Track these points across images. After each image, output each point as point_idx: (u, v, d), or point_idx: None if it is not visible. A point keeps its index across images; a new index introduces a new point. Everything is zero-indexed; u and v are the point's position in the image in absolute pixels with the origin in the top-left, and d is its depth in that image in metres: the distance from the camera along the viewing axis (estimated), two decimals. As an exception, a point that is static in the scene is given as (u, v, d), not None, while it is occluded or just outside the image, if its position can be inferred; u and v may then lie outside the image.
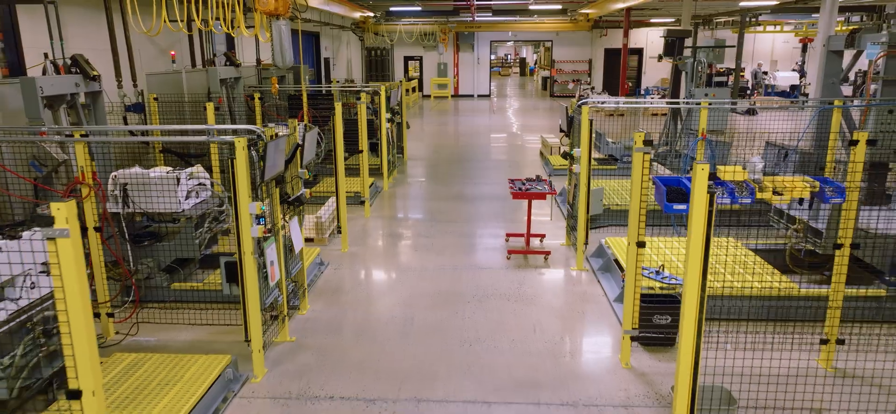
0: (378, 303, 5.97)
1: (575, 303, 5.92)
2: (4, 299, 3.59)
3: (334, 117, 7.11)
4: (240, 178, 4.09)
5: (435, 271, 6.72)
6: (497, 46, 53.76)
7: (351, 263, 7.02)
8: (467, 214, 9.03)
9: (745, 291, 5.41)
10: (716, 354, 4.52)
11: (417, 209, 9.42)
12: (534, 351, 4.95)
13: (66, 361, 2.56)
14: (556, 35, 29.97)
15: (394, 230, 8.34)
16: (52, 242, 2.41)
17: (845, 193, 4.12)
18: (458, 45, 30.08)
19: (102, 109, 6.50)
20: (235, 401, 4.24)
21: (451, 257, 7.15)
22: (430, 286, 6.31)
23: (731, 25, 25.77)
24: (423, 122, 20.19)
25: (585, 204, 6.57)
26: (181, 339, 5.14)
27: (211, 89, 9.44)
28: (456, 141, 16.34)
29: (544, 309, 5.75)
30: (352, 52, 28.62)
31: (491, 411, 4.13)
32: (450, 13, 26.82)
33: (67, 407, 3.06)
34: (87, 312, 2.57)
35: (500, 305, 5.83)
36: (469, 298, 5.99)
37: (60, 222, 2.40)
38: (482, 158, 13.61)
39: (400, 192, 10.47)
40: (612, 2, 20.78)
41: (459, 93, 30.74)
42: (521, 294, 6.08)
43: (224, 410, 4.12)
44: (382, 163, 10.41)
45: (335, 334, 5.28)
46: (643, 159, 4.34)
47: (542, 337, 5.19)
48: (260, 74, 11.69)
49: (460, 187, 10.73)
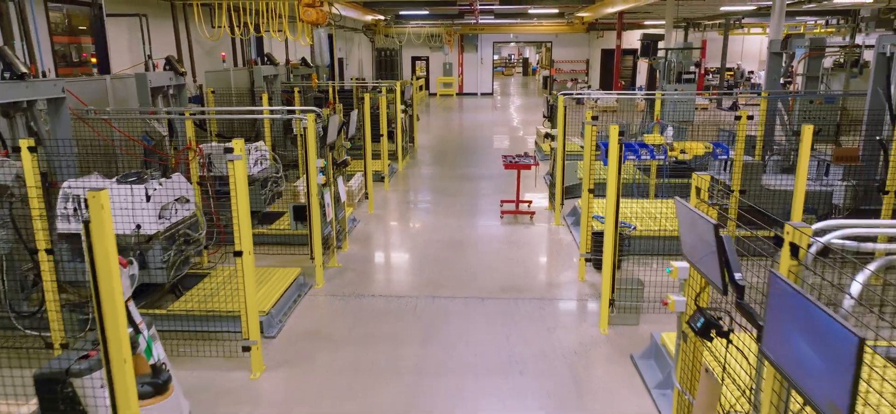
0: (400, 247, 7.82)
1: (551, 246, 7.75)
2: (163, 218, 5.44)
3: (363, 107, 8.97)
4: (310, 142, 5.95)
5: (443, 227, 8.56)
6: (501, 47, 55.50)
7: (377, 221, 8.87)
8: (470, 188, 10.87)
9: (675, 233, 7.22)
10: (636, 268, 6.34)
11: (428, 184, 11.28)
12: (518, 273, 6.78)
13: (235, 233, 4.38)
14: (555, 37, 31.78)
15: (409, 199, 10.19)
16: (232, 164, 4.25)
17: (729, 151, 5.93)
18: (462, 46, 31.91)
19: (185, 98, 8.37)
20: (306, 297, 6.10)
21: (456, 218, 8.99)
22: (440, 236, 8.15)
23: (718, 28, 27.48)
24: (430, 118, 22.04)
25: (561, 174, 8.41)
26: (259, 266, 6.99)
27: (256, 84, 11.31)
28: (460, 133, 18.19)
29: (527, 249, 7.58)
30: (363, 52, 30.48)
31: (484, 303, 5.97)
32: (455, 16, 28.60)
33: (221, 274, 4.91)
34: (245, 206, 4.40)
35: (494, 248, 7.67)
36: (470, 244, 7.83)
37: (238, 150, 4.24)
38: (483, 147, 15.45)
39: (412, 172, 12.32)
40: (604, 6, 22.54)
41: (464, 91, 32.57)
42: (511, 240, 7.92)
43: (300, 301, 5.97)
44: (398, 147, 12.26)
45: (370, 264, 7.14)
46: (592, 131, 6.16)
47: (524, 265, 7.02)
48: (289, 73, 13.56)
49: (464, 169, 12.58)
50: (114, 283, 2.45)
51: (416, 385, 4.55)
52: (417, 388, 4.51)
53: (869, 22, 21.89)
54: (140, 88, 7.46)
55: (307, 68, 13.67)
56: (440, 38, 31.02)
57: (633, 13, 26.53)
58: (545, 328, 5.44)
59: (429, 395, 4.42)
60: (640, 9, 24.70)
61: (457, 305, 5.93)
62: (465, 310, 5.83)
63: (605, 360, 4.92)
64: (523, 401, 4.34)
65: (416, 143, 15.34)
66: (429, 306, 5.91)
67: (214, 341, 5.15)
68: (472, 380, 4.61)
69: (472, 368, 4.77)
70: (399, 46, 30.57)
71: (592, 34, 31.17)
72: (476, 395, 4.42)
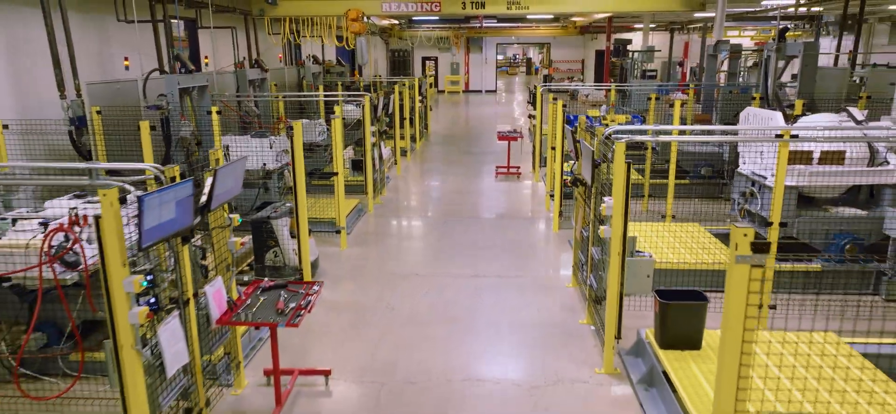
0: (422, 194, 10.96)
1: (531, 193, 10.86)
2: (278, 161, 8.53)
3: (393, 96, 12.09)
4: (366, 118, 9.07)
5: (453, 182, 11.69)
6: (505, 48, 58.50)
7: (404, 179, 12.01)
8: (473, 160, 14.00)
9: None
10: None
11: (440, 157, 14.41)
12: (507, 208, 9.90)
13: (335, 160, 7.48)
14: (553, 39, 34.85)
15: (426, 167, 13.33)
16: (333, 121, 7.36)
17: (642, 120, 8.99)
18: (468, 47, 35.01)
19: (267, 88, 11.52)
20: (363, 217, 9.23)
21: (462, 178, 12.11)
22: (451, 187, 11.28)
23: (697, 31, 30.43)
24: (439, 111, 25.19)
25: (539, 144, 11.51)
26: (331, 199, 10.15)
27: (305, 80, 14.46)
28: (466, 122, 21.33)
29: (513, 195, 10.70)
30: (378, 53, 33.64)
31: (482, 220, 9.09)
32: (461, 21, 31.73)
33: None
34: (340, 144, 7.50)
35: (489, 194, 10.79)
36: (473, 191, 10.96)
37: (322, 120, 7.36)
38: (485, 133, 18.57)
39: (427, 149, 15.46)
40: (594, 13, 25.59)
41: (469, 88, 35.66)
42: (502, 190, 11.04)
43: (359, 219, 9.10)
44: (416, 131, 15.39)
45: (402, 203, 10.29)
46: (559, 106, 9.23)
47: (511, 204, 10.14)
48: (325, 71, 16.73)
49: (468, 148, 15.71)
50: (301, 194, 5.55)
51: (437, 255, 7.68)
52: (438, 255, 7.64)
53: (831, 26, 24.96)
54: (241, 80, 10.65)
55: (340, 67, 16.86)
56: (448, 40, 34.14)
57: (622, 17, 29.61)
58: (521, 231, 8.56)
59: (446, 259, 7.55)
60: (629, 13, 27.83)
61: (464, 222, 9.06)
62: (470, 224, 8.96)
63: (554, 243, 8.04)
64: (505, 260, 7.45)
65: (430, 129, 18.47)
66: (444, 222, 9.05)
67: (320, 233, 8.31)
68: (473, 250, 7.73)
69: (474, 246, 7.90)
70: (411, 47, 33.74)
71: (587, 36, 34.20)
72: (476, 259, 7.53)
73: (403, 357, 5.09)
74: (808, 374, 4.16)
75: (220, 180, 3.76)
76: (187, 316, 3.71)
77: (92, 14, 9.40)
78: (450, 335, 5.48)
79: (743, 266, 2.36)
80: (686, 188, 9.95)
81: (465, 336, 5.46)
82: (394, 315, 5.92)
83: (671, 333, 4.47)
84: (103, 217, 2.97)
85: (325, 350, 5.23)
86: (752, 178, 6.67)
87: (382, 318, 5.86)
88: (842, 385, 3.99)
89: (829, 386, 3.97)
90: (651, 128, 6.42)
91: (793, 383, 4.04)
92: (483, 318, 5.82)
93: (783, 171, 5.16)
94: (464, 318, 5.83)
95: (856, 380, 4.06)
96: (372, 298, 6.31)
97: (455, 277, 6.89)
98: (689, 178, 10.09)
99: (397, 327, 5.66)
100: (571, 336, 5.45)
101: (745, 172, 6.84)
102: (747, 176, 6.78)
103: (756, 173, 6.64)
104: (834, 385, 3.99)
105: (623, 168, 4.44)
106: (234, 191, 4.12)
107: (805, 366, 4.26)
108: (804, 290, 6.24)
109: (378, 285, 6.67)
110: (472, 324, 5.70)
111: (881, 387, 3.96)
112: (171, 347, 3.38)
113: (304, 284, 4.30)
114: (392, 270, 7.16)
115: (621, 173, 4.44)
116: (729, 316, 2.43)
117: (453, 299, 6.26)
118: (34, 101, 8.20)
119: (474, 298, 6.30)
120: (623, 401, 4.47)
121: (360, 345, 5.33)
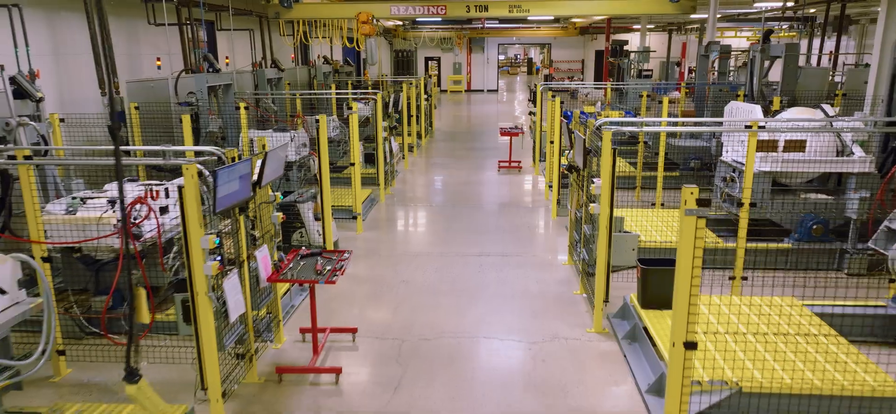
0: (429, 185, 11.69)
1: (531, 184, 11.58)
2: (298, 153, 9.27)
3: (402, 94, 12.82)
4: (378, 113, 9.79)
5: (458, 174, 12.42)
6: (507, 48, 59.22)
7: (412, 172, 12.74)
8: (476, 155, 14.72)
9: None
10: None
11: (445, 152, 15.14)
12: (506, 197, 10.63)
13: (352, 151, 8.21)
14: (554, 39, 35.56)
15: (432, 161, 14.06)
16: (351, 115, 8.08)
17: (634, 115, 9.70)
18: (470, 48, 35.73)
19: (284, 86, 12.25)
20: (375, 206, 9.96)
21: (466, 171, 12.84)
22: (456, 179, 12.00)
23: (695, 32, 31.13)
24: (443, 110, 25.92)
25: (539, 139, 12.23)
26: (345, 189, 10.88)
27: (316, 79, 15.21)
28: (468, 120, 22.05)
29: (515, 187, 11.42)
30: (382, 53, 34.37)
31: (485, 208, 9.82)
32: (464, 21, 32.44)
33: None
34: (356, 136, 8.22)
35: (492, 185, 11.52)
36: (476, 183, 11.69)
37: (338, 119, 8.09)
38: (487, 131, 19.29)
39: (433, 145, 16.19)
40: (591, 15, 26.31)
41: (471, 88, 36.39)
42: (504, 182, 11.76)
43: (372, 207, 9.83)
44: (422, 128, 16.11)
45: (411, 193, 11.01)
46: (556, 103, 9.95)
47: (512, 194, 10.86)
48: (334, 71, 17.47)
49: (471, 144, 16.44)
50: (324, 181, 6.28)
51: (445, 238, 8.41)
52: (446, 238, 8.37)
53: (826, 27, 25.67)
54: (260, 79, 11.38)
55: (348, 67, 17.61)
56: (451, 40, 34.86)
57: (621, 18, 30.33)
58: (521, 217, 9.29)
59: (454, 241, 8.27)
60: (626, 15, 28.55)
61: (469, 210, 9.78)
62: (474, 212, 9.69)
63: (552, 228, 8.76)
64: (507, 242, 8.17)
65: (434, 126, 19.20)
66: (451, 210, 9.78)
67: (338, 219, 9.04)
68: (478, 234, 8.46)
69: (478, 231, 8.62)
70: (414, 48, 34.47)
71: (586, 37, 34.90)
72: (480, 241, 8.25)
73: (419, 319, 5.82)
74: (769, 328, 4.87)
75: (269, 162, 4.48)
76: (242, 275, 4.44)
77: (123, 18, 10.13)
78: (458, 303, 6.20)
79: (690, 218, 3.08)
80: (677, 180, 10.65)
81: (472, 304, 6.18)
82: (408, 287, 6.64)
83: (650, 295, 5.19)
84: (186, 186, 3.70)
85: (350, 314, 5.95)
86: (732, 165, 7.39)
87: (398, 288, 6.59)
88: (795, 338, 4.70)
89: (785, 340, 4.69)
90: (634, 120, 7.15)
91: (747, 330, 4.76)
92: (487, 289, 6.55)
93: (752, 158, 5.87)
94: (470, 289, 6.55)
95: (806, 333, 4.77)
96: (388, 273, 7.04)
97: (462, 256, 7.61)
98: (679, 171, 10.79)
99: (412, 296, 6.38)
100: (566, 304, 6.17)
101: (727, 160, 7.56)
102: (729, 163, 7.50)
103: (736, 160, 7.35)
104: (788, 338, 4.70)
105: (609, 153, 5.16)
106: (278, 172, 4.84)
107: (766, 323, 4.97)
108: (776, 266, 6.95)
109: (393, 263, 7.40)
110: (478, 294, 6.42)
111: (832, 341, 4.68)
112: (233, 297, 4.11)
113: (336, 253, 5.02)
114: (404, 251, 7.88)
115: (608, 158, 5.16)
116: (681, 256, 3.15)
117: (461, 274, 6.99)
118: (76, 97, 8.94)
119: (479, 273, 7.02)
120: (609, 353, 5.19)
121: (380, 310, 6.05)
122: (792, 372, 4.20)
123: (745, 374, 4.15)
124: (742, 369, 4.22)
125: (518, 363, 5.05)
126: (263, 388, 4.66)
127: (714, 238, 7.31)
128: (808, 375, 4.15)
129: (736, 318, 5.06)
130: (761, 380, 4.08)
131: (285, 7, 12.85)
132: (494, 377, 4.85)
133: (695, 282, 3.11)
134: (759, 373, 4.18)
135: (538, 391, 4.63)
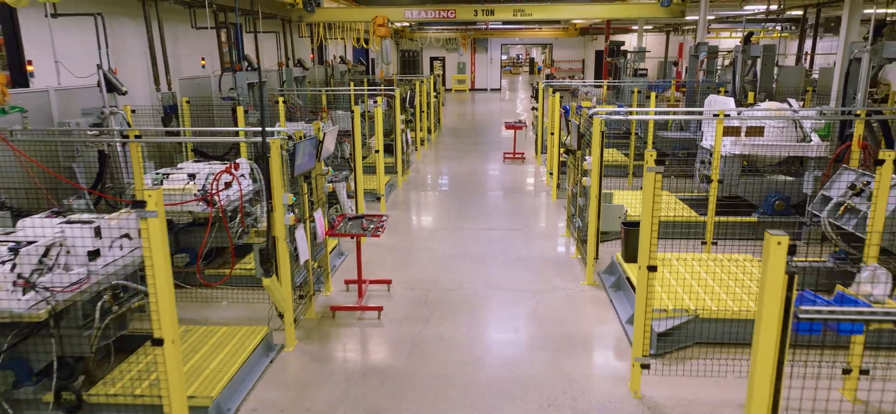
0: (440, 174, 12.86)
1: (533, 173, 12.74)
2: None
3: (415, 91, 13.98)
4: (396, 108, 10.96)
5: (466, 165, 13.58)
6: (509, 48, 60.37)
7: (424, 162, 13.90)
8: (482, 148, 15.89)
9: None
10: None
11: (453, 145, 16.30)
12: (511, 183, 11.78)
13: (377, 139, 9.38)
14: (555, 40, 36.71)
15: (442, 153, 15.22)
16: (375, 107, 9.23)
17: (622, 107, 10.84)
18: (474, 48, 36.89)
19: (306, 84, 13.42)
20: (395, 190, 11.12)
21: (473, 162, 14.00)
22: (464, 169, 13.17)
23: (692, 32, 32.25)
24: (449, 107, 27.08)
25: (541, 132, 13.38)
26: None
27: (333, 78, 16.37)
28: (473, 118, 23.22)
29: (519, 175, 12.58)
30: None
31: (490, 193, 10.97)
32: (468, 23, 33.60)
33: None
34: (379, 120, 9.38)
35: (497, 174, 12.68)
36: (483, 172, 12.85)
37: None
38: (491, 127, 20.46)
39: (442, 139, 17.36)
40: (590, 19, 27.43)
41: (475, 87, 37.55)
42: (509, 171, 12.92)
43: (392, 192, 10.99)
44: (430, 123, 17.27)
45: (424, 180, 12.18)
46: (556, 98, 11.09)
47: (516, 181, 12.03)
48: (349, 71, 18.63)
49: (477, 138, 17.60)
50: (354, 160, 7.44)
51: (458, 216, 9.57)
52: (458, 216, 9.53)
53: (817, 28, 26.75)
54: (287, 77, 12.55)
55: (362, 66, 18.79)
56: (455, 41, 36.04)
57: (619, 20, 31.47)
58: (525, 200, 10.44)
59: (465, 218, 9.43)
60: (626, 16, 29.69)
61: (478, 194, 10.95)
62: (482, 195, 10.85)
63: (553, 208, 9.92)
64: (512, 219, 9.33)
65: (442, 122, 20.36)
66: (460, 193, 10.94)
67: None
68: (486, 213, 9.61)
69: (486, 211, 9.78)
70: (420, 48, 35.65)
71: (587, 37, 36.04)
72: (489, 218, 9.41)
73: (441, 275, 6.98)
74: (726, 276, 6.02)
75: (327, 140, 5.64)
76: (306, 230, 5.60)
77: (168, 23, 11.31)
78: (473, 265, 7.36)
79: (650, 174, 4.23)
80: (666, 169, 11.80)
81: (483, 266, 7.35)
82: (429, 253, 7.81)
83: (631, 250, 6.34)
84: (271, 154, 4.86)
85: (383, 273, 7.11)
86: (709, 150, 8.54)
87: (421, 254, 7.76)
88: (744, 281, 5.86)
89: (737, 283, 5.84)
90: (620, 110, 8.31)
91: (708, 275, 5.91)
92: (496, 255, 7.71)
93: (719, 141, 7.03)
94: (482, 255, 7.72)
95: (756, 279, 5.92)
96: (411, 243, 8.21)
97: (473, 230, 8.77)
98: (668, 160, 11.93)
99: (433, 260, 7.54)
100: (563, 265, 7.33)
101: (705, 146, 8.71)
102: (706, 148, 8.65)
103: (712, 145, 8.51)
104: (739, 281, 5.86)
105: (599, 135, 6.31)
106: (330, 150, 6.00)
107: (726, 273, 6.12)
108: (744, 237, 8.10)
109: (414, 235, 8.57)
110: (489, 259, 7.58)
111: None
112: (302, 245, 5.27)
113: (376, 216, 6.18)
114: (423, 226, 9.05)
115: (597, 138, 6.32)
116: (645, 200, 4.29)
117: (473, 244, 8.15)
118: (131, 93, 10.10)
119: (489, 243, 8.18)
120: (598, 299, 6.34)
121: (408, 269, 7.22)
122: (739, 302, 5.35)
123: (700, 303, 5.31)
124: (698, 301, 5.38)
125: (523, 306, 6.21)
126: (320, 321, 5.83)
127: (692, 213, 8.46)
128: (751, 304, 5.30)
129: (700, 268, 6.22)
130: (713, 308, 5.24)
131: (308, 11, 14.00)
132: (504, 314, 6.02)
133: (654, 222, 4.26)
134: (713, 304, 5.33)
135: (540, 323, 5.80)
